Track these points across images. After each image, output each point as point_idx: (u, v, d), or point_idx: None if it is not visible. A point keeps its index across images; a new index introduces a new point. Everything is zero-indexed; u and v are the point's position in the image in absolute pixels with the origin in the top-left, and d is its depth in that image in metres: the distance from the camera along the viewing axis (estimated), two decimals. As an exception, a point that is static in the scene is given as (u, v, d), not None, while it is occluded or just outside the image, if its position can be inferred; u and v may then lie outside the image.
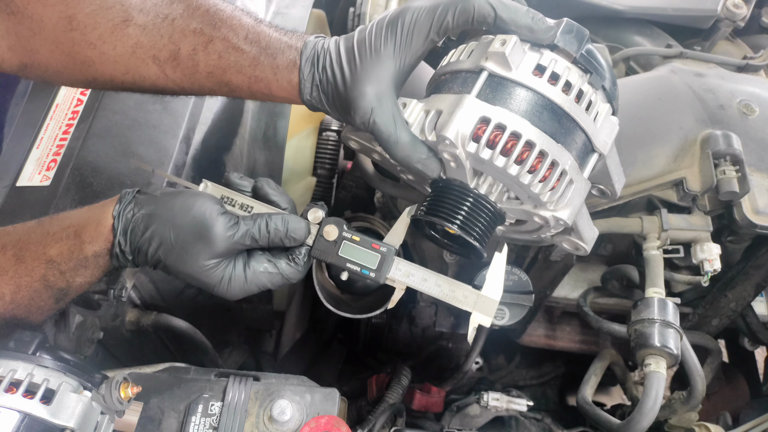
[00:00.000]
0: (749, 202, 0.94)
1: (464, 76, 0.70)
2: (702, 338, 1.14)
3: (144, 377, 0.77)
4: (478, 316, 0.73)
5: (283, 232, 0.70)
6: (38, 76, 0.77)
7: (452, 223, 0.69)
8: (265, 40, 0.72)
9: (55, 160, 0.92)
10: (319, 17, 1.38)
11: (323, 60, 0.70)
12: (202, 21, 0.72)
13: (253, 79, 0.72)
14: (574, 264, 1.04)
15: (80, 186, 0.89)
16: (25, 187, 0.91)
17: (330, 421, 0.72)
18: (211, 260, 0.68)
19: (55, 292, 0.69)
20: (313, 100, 0.72)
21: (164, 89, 0.76)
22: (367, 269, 0.73)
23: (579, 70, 0.69)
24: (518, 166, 0.65)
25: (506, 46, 0.66)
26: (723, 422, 1.06)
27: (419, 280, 0.73)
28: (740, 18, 1.29)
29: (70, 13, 0.70)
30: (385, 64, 0.67)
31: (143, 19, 0.71)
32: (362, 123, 0.68)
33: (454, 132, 0.65)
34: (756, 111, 1.03)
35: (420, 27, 0.67)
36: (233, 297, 0.71)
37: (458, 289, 0.73)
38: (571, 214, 0.69)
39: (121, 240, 0.68)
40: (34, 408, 0.56)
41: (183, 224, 0.67)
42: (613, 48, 1.28)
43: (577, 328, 1.33)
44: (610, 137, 0.71)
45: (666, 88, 1.07)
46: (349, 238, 0.73)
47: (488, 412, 1.13)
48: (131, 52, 0.72)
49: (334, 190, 1.28)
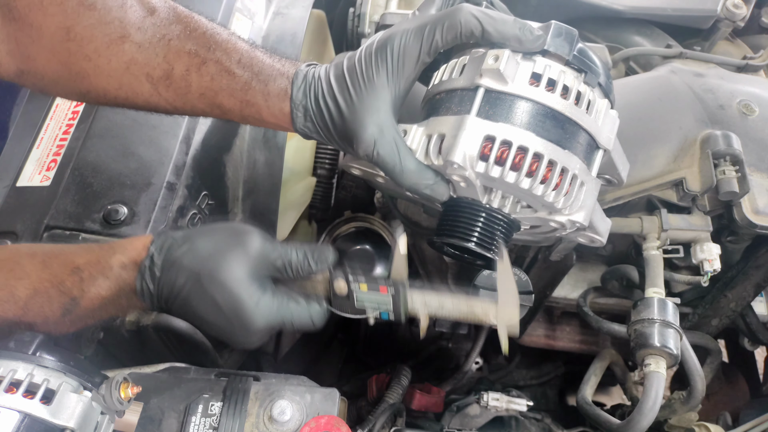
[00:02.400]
0: (749, 202, 0.94)
1: (460, 94, 0.69)
2: (702, 338, 1.14)
3: (144, 377, 0.77)
4: (504, 327, 0.71)
5: (312, 255, 0.70)
6: (34, 84, 0.77)
7: (470, 241, 0.70)
8: (258, 66, 0.72)
9: (55, 160, 0.92)
10: (319, 17, 1.38)
11: (315, 90, 0.70)
12: (197, 43, 0.72)
13: (244, 103, 0.72)
14: (574, 264, 1.03)
15: (80, 186, 0.89)
16: (25, 187, 0.90)
17: (330, 421, 0.72)
18: (245, 270, 0.66)
19: (67, 302, 0.67)
20: (306, 130, 0.72)
21: (157, 107, 0.75)
22: (386, 312, 0.72)
23: (573, 71, 0.69)
24: (529, 179, 0.65)
25: (500, 62, 0.65)
26: (723, 422, 1.06)
27: (437, 307, 0.72)
28: (740, 18, 1.29)
29: (69, 24, 0.70)
30: (381, 93, 0.67)
31: (140, 37, 0.71)
32: (366, 155, 0.68)
33: (461, 155, 0.65)
34: (756, 111, 1.03)
35: (410, 50, 0.66)
36: (256, 326, 0.67)
37: (476, 305, 0.71)
38: (586, 216, 0.69)
39: (155, 252, 0.67)
40: (34, 408, 0.56)
41: (222, 235, 0.69)
42: (613, 48, 1.28)
43: (577, 328, 1.33)
44: (612, 132, 0.71)
45: (666, 88, 1.07)
46: (357, 289, 0.72)
47: (488, 412, 1.13)
48: (125, 68, 0.72)
49: (334, 190, 1.27)
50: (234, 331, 0.68)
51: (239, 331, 0.68)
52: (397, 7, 1.23)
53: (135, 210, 0.86)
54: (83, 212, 0.86)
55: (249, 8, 1.18)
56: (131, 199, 0.87)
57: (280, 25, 1.22)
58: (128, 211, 0.86)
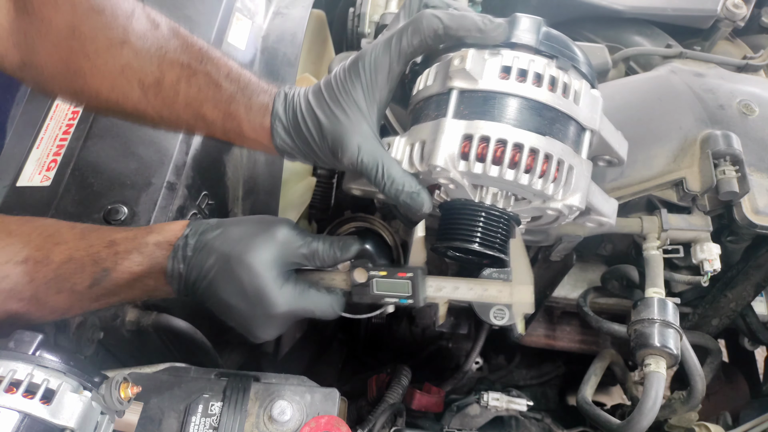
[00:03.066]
0: (749, 202, 0.94)
1: (436, 99, 0.71)
2: (702, 338, 1.14)
3: (144, 377, 0.77)
4: (520, 305, 0.72)
5: (337, 244, 0.73)
6: (33, 78, 0.79)
7: (471, 242, 0.70)
8: (244, 81, 0.75)
9: (56, 160, 0.92)
10: (319, 17, 1.38)
11: (294, 107, 0.72)
12: (191, 56, 0.75)
13: (227, 115, 0.74)
14: (574, 264, 1.04)
15: (81, 186, 0.89)
16: (25, 187, 0.91)
17: (330, 421, 0.72)
18: (272, 255, 0.70)
19: (98, 271, 0.70)
20: (285, 146, 0.74)
21: (144, 115, 0.78)
22: (404, 297, 0.74)
23: (544, 58, 0.69)
24: (513, 170, 0.65)
25: (465, 62, 0.66)
26: (723, 422, 1.06)
27: (451, 289, 0.74)
28: (740, 18, 1.29)
29: (76, 23, 0.73)
30: (359, 105, 0.69)
31: (139, 45, 0.74)
32: (351, 164, 0.70)
33: (442, 158, 0.66)
34: (756, 111, 1.03)
35: (380, 62, 0.69)
36: (278, 310, 0.70)
37: (490, 287, 0.73)
38: (581, 198, 0.69)
39: (190, 234, 0.71)
40: (34, 408, 0.56)
41: (252, 222, 0.73)
42: (613, 48, 1.28)
43: (577, 328, 1.33)
44: (595, 111, 0.71)
45: (666, 88, 1.07)
46: (377, 275, 0.74)
47: (488, 412, 1.13)
48: (120, 71, 0.75)
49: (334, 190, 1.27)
50: (255, 316, 0.71)
51: (260, 316, 0.71)
52: (397, 7, 1.23)
53: (135, 210, 0.86)
54: (83, 212, 0.86)
55: (249, 8, 1.18)
56: (131, 199, 0.87)
57: (280, 24, 1.22)
58: (128, 211, 0.86)
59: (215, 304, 0.73)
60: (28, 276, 0.70)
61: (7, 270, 0.69)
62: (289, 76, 1.15)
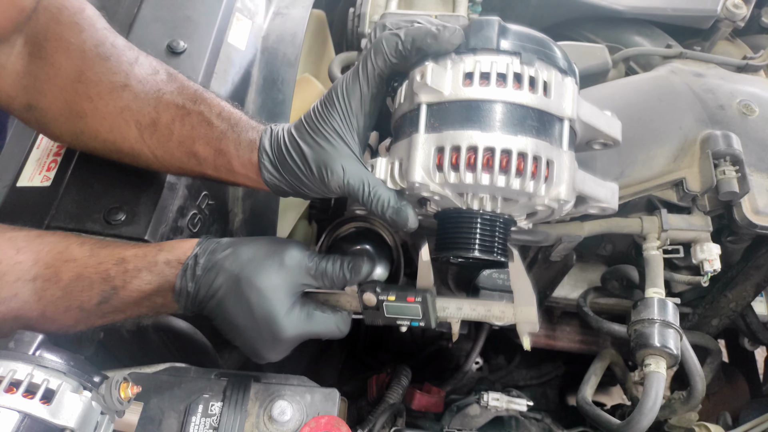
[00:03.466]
0: (749, 203, 0.94)
1: (409, 116, 0.72)
2: (702, 338, 1.14)
3: (144, 377, 0.77)
4: (524, 325, 0.74)
5: (347, 266, 0.74)
6: (37, 119, 0.83)
7: (470, 250, 0.70)
8: (235, 119, 0.77)
9: (56, 160, 0.92)
10: (319, 17, 1.38)
11: (278, 141, 0.74)
12: (185, 98, 0.78)
13: (218, 151, 0.77)
14: (574, 264, 1.04)
15: (81, 187, 0.89)
16: (25, 187, 0.91)
17: (330, 421, 0.72)
18: (282, 279, 0.71)
19: (106, 290, 0.72)
20: (274, 179, 0.75)
21: (140, 154, 0.81)
22: (416, 321, 0.76)
23: (506, 56, 0.69)
24: (488, 174, 0.66)
25: (426, 76, 0.67)
26: (723, 422, 1.06)
27: (455, 310, 0.76)
28: (740, 18, 1.29)
29: (83, 68, 0.79)
30: (339, 133, 0.71)
31: (139, 89, 0.78)
32: (338, 186, 0.71)
33: (418, 173, 0.67)
34: (756, 111, 1.03)
35: (350, 89, 0.71)
36: (284, 335, 0.72)
37: (493, 307, 0.75)
38: (567, 190, 0.68)
39: (199, 253, 0.73)
40: (34, 408, 0.56)
41: (263, 243, 0.74)
42: (613, 48, 1.28)
43: (577, 328, 1.33)
44: (569, 99, 0.70)
45: (666, 89, 1.07)
46: (385, 300, 0.75)
47: (488, 412, 1.13)
48: (119, 113, 0.78)
49: (334, 191, 1.27)
50: (262, 339, 0.72)
51: (267, 339, 0.72)
52: (397, 7, 1.23)
53: (135, 210, 0.86)
54: (84, 213, 0.86)
55: (249, 8, 1.18)
56: (132, 200, 0.87)
57: (280, 25, 1.22)
58: (129, 211, 0.86)
59: (222, 324, 0.73)
60: (36, 295, 0.71)
61: (17, 289, 0.70)
62: (289, 76, 1.15)
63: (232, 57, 1.09)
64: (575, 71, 0.74)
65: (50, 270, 0.71)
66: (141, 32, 1.00)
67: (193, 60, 1.00)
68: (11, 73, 0.81)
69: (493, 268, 0.79)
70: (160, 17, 1.05)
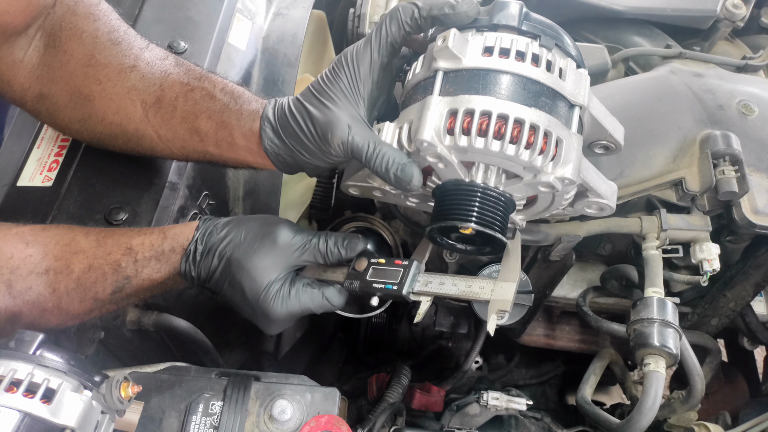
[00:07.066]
0: (748, 202, 0.94)
1: (423, 84, 0.72)
2: (701, 338, 1.14)
3: (145, 377, 0.77)
4: (497, 302, 0.71)
5: (341, 242, 0.77)
6: (47, 108, 0.84)
7: (467, 221, 0.70)
8: (238, 93, 0.79)
9: (57, 160, 0.92)
10: (320, 18, 1.39)
11: (282, 107, 0.75)
12: (190, 77, 0.81)
13: (219, 124, 0.78)
14: (574, 264, 1.04)
15: (83, 187, 0.89)
16: (26, 187, 0.91)
17: (330, 420, 0.72)
18: (271, 260, 0.74)
19: (119, 280, 0.74)
20: (273, 147, 0.76)
21: (144, 135, 0.82)
22: (390, 284, 0.76)
23: (527, 38, 0.70)
24: (499, 141, 0.65)
25: (447, 41, 0.68)
26: (722, 422, 1.06)
27: (437, 285, 0.76)
28: (739, 18, 1.29)
29: (95, 52, 0.81)
30: (346, 95, 0.72)
31: (146, 70, 0.80)
32: (341, 143, 0.71)
33: (428, 133, 0.67)
34: (755, 111, 1.03)
35: (361, 54, 0.72)
36: (275, 314, 0.74)
37: (474, 283, 0.74)
38: (573, 169, 0.68)
39: (199, 239, 0.75)
40: (34, 407, 0.57)
41: (255, 224, 0.76)
42: (613, 48, 1.28)
43: (577, 328, 1.33)
44: (582, 88, 0.71)
45: (665, 89, 1.07)
46: (375, 263, 0.78)
47: (488, 411, 1.13)
48: (126, 93, 0.80)
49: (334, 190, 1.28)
50: (256, 317, 0.76)
51: (261, 317, 0.76)
52: (397, 8, 1.23)
53: (137, 210, 0.87)
54: (86, 213, 0.86)
55: (249, 9, 1.18)
56: (133, 200, 0.88)
57: (281, 25, 1.23)
58: (130, 211, 0.86)
59: (223, 301, 0.77)
60: (50, 287, 0.72)
61: (30, 282, 0.71)
62: (289, 76, 1.15)
63: (232, 57, 1.09)
64: (586, 68, 0.75)
65: (60, 262, 0.73)
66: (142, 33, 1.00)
67: (194, 60, 0.99)
68: (27, 65, 0.82)
69: (491, 254, 0.78)
70: (161, 18, 1.05)
